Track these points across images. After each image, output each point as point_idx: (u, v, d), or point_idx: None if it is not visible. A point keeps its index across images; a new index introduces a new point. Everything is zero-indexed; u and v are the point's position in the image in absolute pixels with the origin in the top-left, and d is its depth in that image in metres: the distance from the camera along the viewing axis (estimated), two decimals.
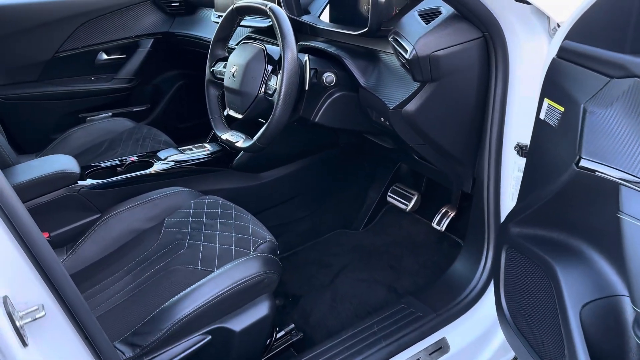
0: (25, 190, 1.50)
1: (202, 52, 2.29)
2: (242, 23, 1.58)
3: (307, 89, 1.34)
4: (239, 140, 1.42)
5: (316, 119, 1.45)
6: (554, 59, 1.09)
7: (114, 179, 1.66)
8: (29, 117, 2.33)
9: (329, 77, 1.36)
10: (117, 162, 1.77)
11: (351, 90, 1.46)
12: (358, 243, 1.96)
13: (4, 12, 2.17)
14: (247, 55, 1.40)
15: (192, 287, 1.20)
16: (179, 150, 1.85)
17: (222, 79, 1.52)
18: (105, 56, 2.43)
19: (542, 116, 1.12)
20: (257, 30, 1.84)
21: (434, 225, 1.80)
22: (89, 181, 1.64)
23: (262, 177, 1.90)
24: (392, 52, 1.40)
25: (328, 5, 1.67)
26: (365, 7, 1.57)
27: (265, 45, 1.40)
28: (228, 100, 1.46)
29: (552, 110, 1.09)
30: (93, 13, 2.33)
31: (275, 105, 1.28)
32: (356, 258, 1.88)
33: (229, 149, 1.76)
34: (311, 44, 1.56)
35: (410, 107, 1.29)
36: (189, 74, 2.62)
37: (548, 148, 1.06)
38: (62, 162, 1.60)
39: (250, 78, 1.37)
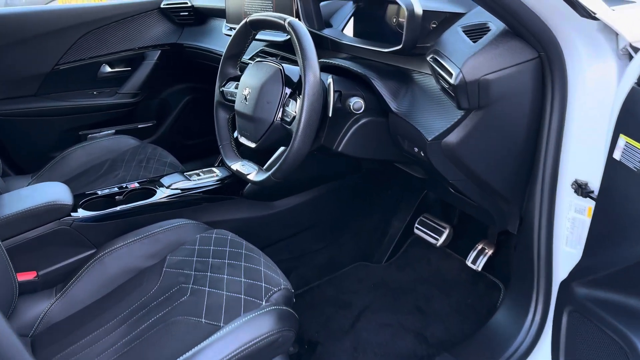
0: (12, 225, 1.33)
1: (213, 65, 2.12)
2: (257, 36, 1.41)
3: (330, 115, 1.16)
4: (252, 172, 1.24)
5: (339, 148, 1.27)
6: (633, 87, 0.90)
7: (111, 210, 1.48)
8: (26, 135, 2.16)
9: (356, 103, 1.17)
10: (116, 189, 1.60)
11: (380, 115, 1.28)
12: (380, 279, 1.77)
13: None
14: (262, 75, 1.22)
15: (194, 350, 1.02)
16: (185, 176, 1.67)
17: (233, 101, 1.35)
18: (108, 69, 2.27)
19: (617, 156, 0.93)
20: (273, 44, 1.67)
21: (469, 263, 1.60)
22: (83, 213, 1.46)
23: (276, 205, 1.72)
24: (428, 72, 1.22)
25: (352, 18, 1.49)
26: (394, 20, 1.39)
27: (283, 64, 1.22)
28: (239, 126, 1.28)
29: (632, 150, 0.89)
30: (96, 23, 2.17)
31: (294, 135, 1.10)
32: (379, 297, 1.69)
33: None
34: (334, 62, 1.38)
35: (452, 138, 1.10)
36: (198, 88, 2.45)
37: (628, 196, 0.87)
38: (53, 192, 1.43)
39: (265, 102, 1.19)
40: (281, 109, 1.18)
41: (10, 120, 2.11)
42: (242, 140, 1.28)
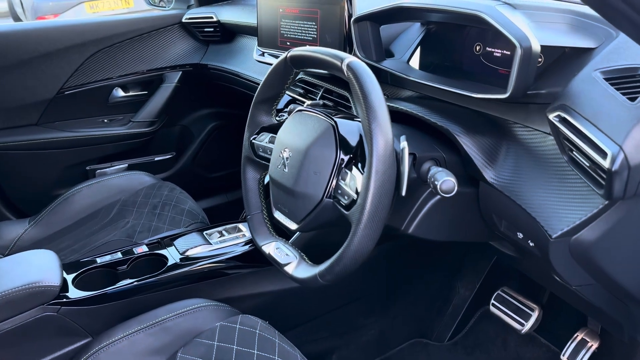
0: None
1: (240, 90, 1.80)
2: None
3: (403, 193, 0.81)
4: (290, 263, 0.91)
5: (409, 230, 0.93)
6: None
7: (111, 289, 1.17)
8: (25, 170, 1.88)
9: (445, 183, 0.81)
10: (120, 255, 1.29)
11: (466, 184, 0.94)
12: None
13: None
14: (307, 133, 0.88)
15: None
16: (205, 237, 1.35)
17: (267, 159, 1.02)
18: (121, 93, 1.96)
19: None
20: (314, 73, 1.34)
21: (565, 358, 1.24)
22: (76, 293, 1.15)
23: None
24: (539, 129, 0.87)
25: (419, 47, 1.14)
26: (476, 49, 1.04)
27: (336, 118, 0.88)
28: (275, 198, 0.95)
29: None
30: (107, 40, 1.87)
31: (353, 226, 0.76)
32: None
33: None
34: (399, 107, 1.04)
35: (588, 235, 0.75)
36: (224, 114, 2.13)
37: None
38: (37, 268, 1.12)
39: (312, 172, 0.85)
40: (334, 182, 0.84)
41: (7, 154, 1.82)
42: (279, 216, 0.94)
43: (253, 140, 1.05)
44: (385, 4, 1.06)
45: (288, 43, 1.36)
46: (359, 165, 0.81)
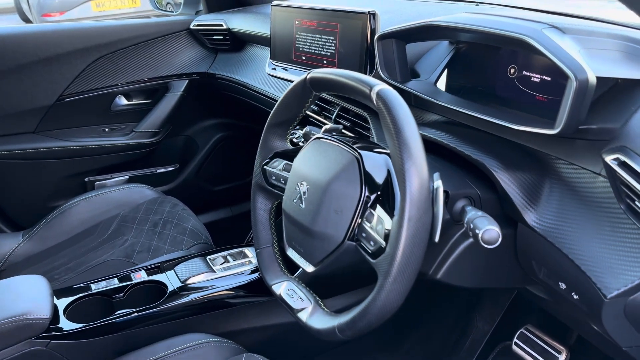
0: None
1: (249, 102, 1.71)
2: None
3: (436, 239, 0.72)
4: (304, 309, 0.82)
5: (438, 275, 0.84)
6: None
7: (105, 321, 1.08)
8: (20, 180, 1.78)
9: (488, 232, 0.71)
10: (116, 281, 1.19)
11: (502, 225, 0.84)
12: None
13: None
14: (329, 165, 0.79)
15: None
16: (208, 263, 1.25)
17: (280, 188, 0.92)
18: (124, 101, 1.87)
19: None
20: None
21: None
22: (67, 324, 1.06)
23: (326, 305, 1.28)
24: (589, 169, 0.77)
25: (448, 68, 1.05)
26: (511, 71, 0.95)
27: (361, 150, 0.78)
28: (289, 234, 0.86)
29: None
30: (111, 46, 1.78)
31: (382, 276, 0.67)
32: None
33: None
34: (425, 134, 0.94)
35: None
36: (230, 125, 2.04)
37: None
38: (26, 297, 1.03)
39: (333, 210, 0.76)
40: (357, 223, 0.75)
41: (2, 163, 1.73)
42: (292, 254, 0.85)
43: (265, 167, 0.95)
44: (415, 21, 0.96)
45: (303, 57, 1.27)
46: (388, 206, 0.72)
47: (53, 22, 6.40)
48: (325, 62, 1.21)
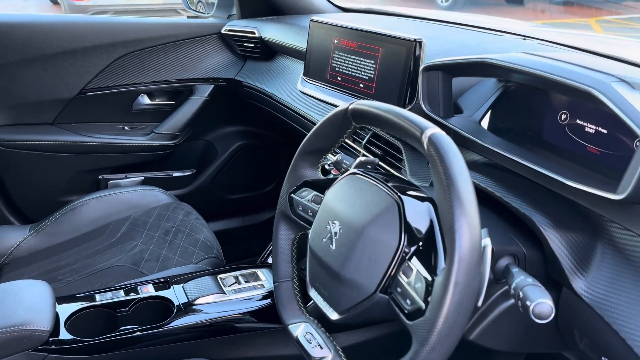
0: None
1: (274, 113, 1.65)
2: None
3: (479, 303, 0.65)
4: (323, 358, 0.75)
5: (470, 336, 0.77)
6: None
7: (107, 338, 1.02)
8: (33, 172, 1.74)
9: (540, 305, 0.65)
10: (122, 294, 1.14)
11: (545, 286, 0.77)
12: None
13: (17, 30, 1.60)
14: (366, 207, 0.73)
15: None
16: (218, 283, 1.19)
17: (306, 220, 0.86)
18: (147, 100, 1.83)
19: None
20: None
21: None
22: (67, 337, 1.00)
23: (338, 340, 1.22)
24: None
25: (494, 107, 0.99)
26: (562, 118, 0.89)
27: (403, 195, 0.72)
28: (313, 273, 0.79)
29: None
30: (139, 43, 1.73)
31: (418, 342, 0.60)
32: None
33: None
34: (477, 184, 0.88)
35: None
36: (252, 133, 1.98)
37: None
38: (27, 306, 0.98)
39: (366, 258, 0.70)
40: (393, 275, 0.68)
41: (16, 152, 1.69)
42: (315, 297, 0.79)
43: (292, 195, 0.89)
44: (467, 56, 0.90)
45: (339, 78, 1.21)
46: (429, 262, 0.66)
47: (82, 5, 6.41)
48: (361, 85, 1.16)
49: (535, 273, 0.76)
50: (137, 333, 1.04)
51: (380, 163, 1.16)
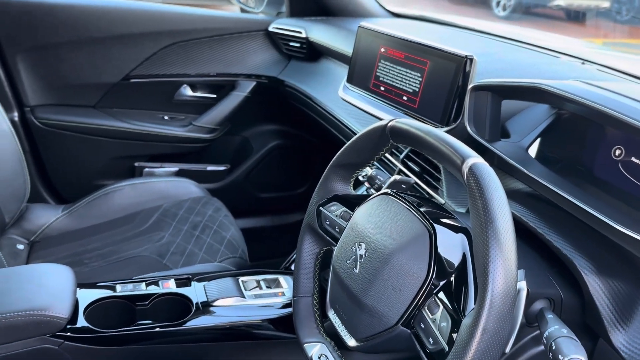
0: None
1: (313, 116, 1.63)
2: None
3: (507, 350, 0.61)
4: None
5: None
6: None
7: (123, 331, 1.01)
8: (72, 153, 1.77)
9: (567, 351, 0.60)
10: (143, 287, 1.13)
11: (580, 335, 0.72)
12: None
13: (68, 12, 1.62)
14: (396, 233, 0.69)
15: None
16: (239, 286, 1.17)
17: (332, 235, 0.83)
18: (189, 92, 1.83)
19: None
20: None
21: None
22: (84, 326, 1.00)
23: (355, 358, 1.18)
24: None
25: (543, 134, 0.93)
26: (615, 153, 0.83)
27: (437, 224, 0.68)
28: (334, 295, 0.76)
29: None
30: (185, 34, 1.73)
31: None
32: None
33: None
34: (517, 216, 0.83)
35: None
36: (289, 134, 1.96)
37: None
38: (48, 291, 0.98)
39: (391, 287, 0.66)
40: (417, 309, 0.64)
41: (58, 133, 1.72)
42: (334, 319, 0.75)
43: (321, 208, 0.86)
44: (519, 79, 0.85)
45: (382, 88, 1.17)
46: (458, 300, 0.61)
47: None
48: (405, 98, 1.11)
49: (571, 320, 0.71)
50: (155, 329, 1.03)
51: (417, 181, 1.12)
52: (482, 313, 0.54)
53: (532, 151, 0.93)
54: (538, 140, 0.94)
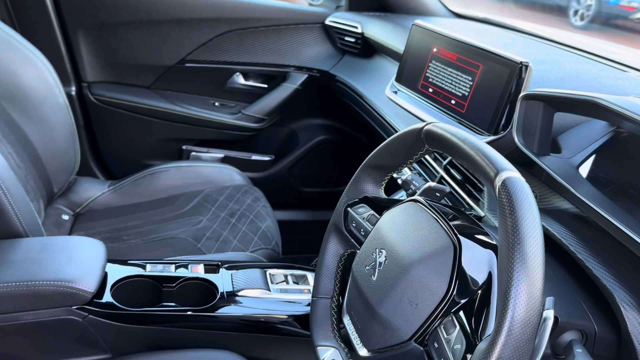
0: (2, 299, 0.92)
1: (360, 113, 1.59)
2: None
3: None
4: None
5: None
6: None
7: (146, 311, 1.02)
8: (124, 131, 1.81)
9: None
10: (172, 269, 1.14)
11: None
12: None
13: None
14: (418, 242, 0.65)
15: None
16: (266, 278, 1.16)
17: (357, 238, 0.80)
18: (241, 80, 1.83)
19: None
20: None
21: None
22: (109, 301, 1.02)
23: None
24: None
25: (597, 152, 0.86)
26: None
27: (463, 237, 0.63)
28: (351, 299, 0.73)
29: None
30: (242, 22, 1.74)
31: None
32: None
33: None
34: (547, 226, 0.77)
35: None
36: (338, 130, 1.93)
37: None
38: (78, 263, 1.00)
39: (407, 300, 0.62)
40: (433, 327, 0.60)
41: (111, 110, 1.76)
42: (348, 324, 0.73)
43: (349, 209, 0.83)
44: (574, 91, 0.79)
45: (430, 90, 1.12)
46: (476, 322, 0.57)
47: None
48: (453, 102, 1.06)
49: (603, 357, 0.65)
50: (179, 313, 1.04)
51: (457, 189, 1.07)
52: (498, 340, 0.50)
53: (584, 170, 0.86)
54: (591, 158, 0.87)
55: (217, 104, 1.83)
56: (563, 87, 0.88)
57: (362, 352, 0.68)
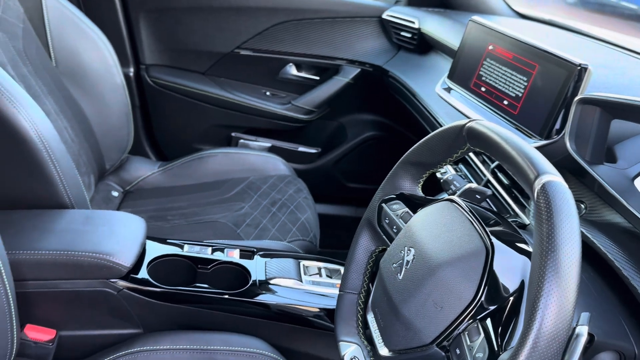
0: (44, 266, 0.96)
1: (410, 111, 1.56)
2: None
3: None
4: None
5: None
6: None
7: (179, 290, 1.04)
8: (177, 115, 1.85)
9: None
10: (209, 251, 1.15)
11: None
12: None
13: None
14: (449, 243, 0.62)
15: None
16: (299, 269, 1.15)
17: (389, 235, 0.78)
18: (294, 71, 1.83)
19: None
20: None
21: None
22: (144, 277, 1.04)
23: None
24: None
25: None
26: None
27: (497, 241, 0.60)
28: (376, 297, 0.71)
29: None
30: (299, 13, 1.73)
31: None
32: None
33: None
34: (594, 240, 0.72)
35: None
36: (387, 126, 1.90)
37: None
38: (118, 238, 1.03)
39: (432, 302, 0.60)
40: (457, 332, 0.58)
41: (166, 93, 1.80)
42: (371, 322, 0.71)
43: (383, 204, 0.81)
44: (634, 98, 0.73)
45: (482, 89, 1.08)
46: (502, 331, 0.54)
47: None
48: (506, 102, 1.02)
49: None
50: (211, 295, 1.05)
51: (504, 195, 1.02)
52: (521, 352, 0.47)
53: (639, 183, 0.80)
54: None
55: (268, 93, 1.84)
56: (624, 93, 0.82)
57: (383, 351, 0.66)
